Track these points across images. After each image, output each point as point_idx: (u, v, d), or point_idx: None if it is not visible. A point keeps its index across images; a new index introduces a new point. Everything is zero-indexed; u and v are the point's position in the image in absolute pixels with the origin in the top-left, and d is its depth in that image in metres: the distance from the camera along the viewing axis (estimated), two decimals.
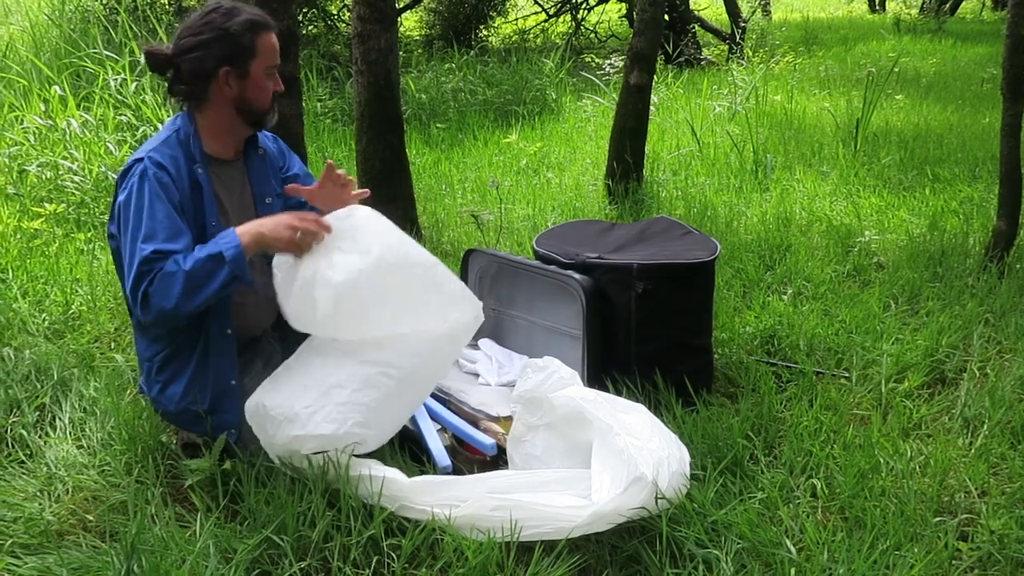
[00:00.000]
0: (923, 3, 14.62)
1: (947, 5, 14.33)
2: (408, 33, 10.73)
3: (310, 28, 8.89)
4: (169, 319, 1.88)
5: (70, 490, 2.03)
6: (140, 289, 1.84)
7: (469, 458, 2.10)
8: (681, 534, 1.78)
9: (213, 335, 2.02)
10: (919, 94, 7.02)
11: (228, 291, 1.90)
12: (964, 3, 15.85)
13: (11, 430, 2.27)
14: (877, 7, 16.82)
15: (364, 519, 1.81)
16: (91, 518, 1.94)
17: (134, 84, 4.97)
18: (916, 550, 1.73)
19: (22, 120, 4.60)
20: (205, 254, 1.85)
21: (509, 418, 2.18)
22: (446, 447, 2.10)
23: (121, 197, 1.95)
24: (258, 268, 2.16)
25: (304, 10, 8.41)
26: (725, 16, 10.40)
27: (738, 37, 9.53)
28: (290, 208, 2.26)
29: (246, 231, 1.90)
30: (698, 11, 10.47)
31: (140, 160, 1.95)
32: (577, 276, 2.32)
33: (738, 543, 1.76)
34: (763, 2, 14.13)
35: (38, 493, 2.02)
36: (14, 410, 2.36)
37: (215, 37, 1.97)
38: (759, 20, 12.71)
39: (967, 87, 7.39)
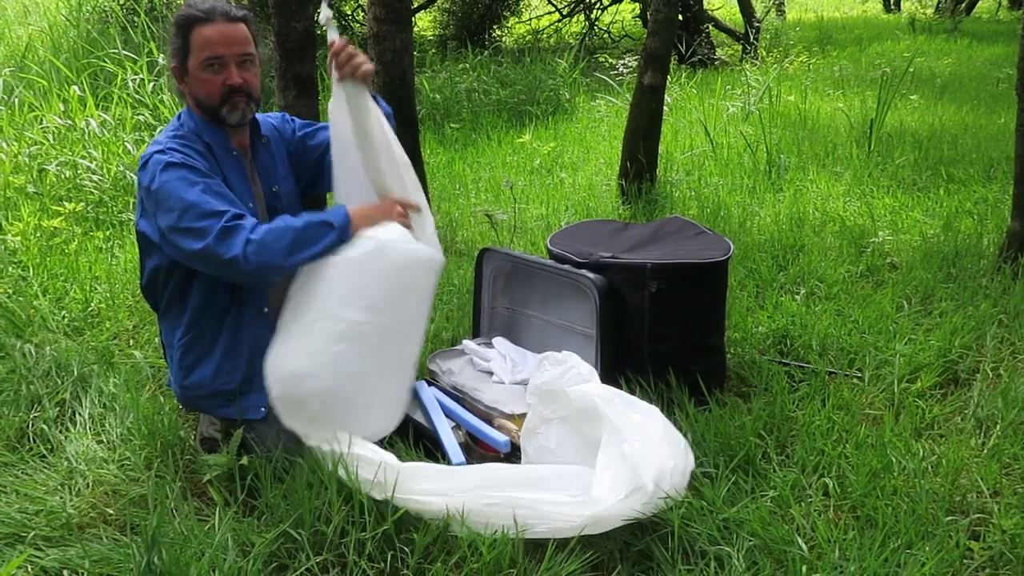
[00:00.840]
0: (938, 3, 14.53)
1: (963, 5, 14.25)
2: (422, 33, 10.77)
3: (325, 28, 8.93)
4: (269, 274, 1.93)
5: (90, 484, 2.06)
6: (239, 244, 1.87)
7: (483, 455, 2.12)
8: (693, 531, 1.80)
9: (247, 315, 2.07)
10: (934, 94, 6.99)
11: (327, 254, 1.96)
12: (980, 3, 15.74)
13: (32, 425, 2.31)
14: (892, 7, 16.74)
15: (379, 516, 1.83)
16: (111, 511, 1.97)
17: (151, 84, 5.04)
18: (927, 549, 1.74)
19: (42, 120, 4.66)
20: (318, 219, 1.97)
21: (523, 416, 2.20)
22: (460, 444, 2.12)
23: (148, 183, 1.97)
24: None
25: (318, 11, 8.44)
26: (739, 16, 10.39)
27: (752, 37, 9.52)
28: (305, 191, 2.33)
29: (356, 212, 2.02)
30: (712, 11, 10.47)
31: (161, 151, 1.98)
32: (591, 275, 2.34)
33: (750, 540, 1.78)
34: (777, 2, 14.09)
35: (59, 487, 2.06)
36: (35, 405, 2.40)
37: (169, 36, 2.07)
38: (773, 20, 12.67)
39: (982, 87, 7.35)
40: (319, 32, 3.50)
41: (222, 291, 2.06)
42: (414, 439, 2.15)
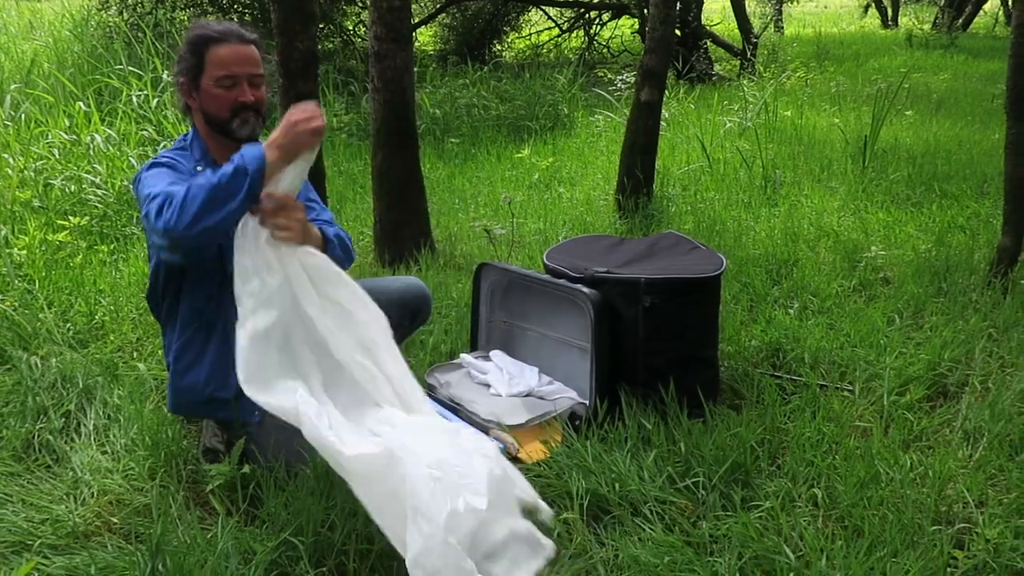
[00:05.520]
0: (936, 18, 14.65)
1: (959, 20, 14.36)
2: (423, 48, 10.86)
3: (326, 44, 9.03)
4: (188, 239, 1.83)
5: (95, 493, 2.10)
6: (160, 215, 1.82)
7: None
8: (683, 541, 1.84)
9: (233, 326, 2.10)
10: (929, 110, 7.06)
11: (246, 210, 1.85)
12: (976, 18, 15.86)
13: (38, 436, 2.35)
14: (889, 22, 16.87)
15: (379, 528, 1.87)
16: (116, 520, 2.01)
17: (156, 100, 5.10)
18: (912, 557, 1.78)
19: (47, 135, 4.72)
20: (231, 168, 1.82)
21: (520, 427, 2.25)
22: None
23: (136, 183, 2.06)
24: None
25: (320, 26, 8.55)
26: (737, 31, 10.48)
27: (749, 53, 9.60)
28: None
29: (270, 145, 1.85)
30: (710, 26, 10.56)
31: (155, 159, 2.10)
32: (586, 290, 2.39)
33: (740, 550, 1.82)
34: (775, 18, 14.21)
35: (64, 496, 2.10)
36: (41, 417, 2.44)
37: (180, 53, 2.13)
38: (771, 35, 12.78)
39: (977, 103, 7.42)
40: (320, 47, 3.55)
41: (208, 302, 2.12)
42: None
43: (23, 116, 4.99)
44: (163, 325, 2.24)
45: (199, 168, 2.12)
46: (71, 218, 3.74)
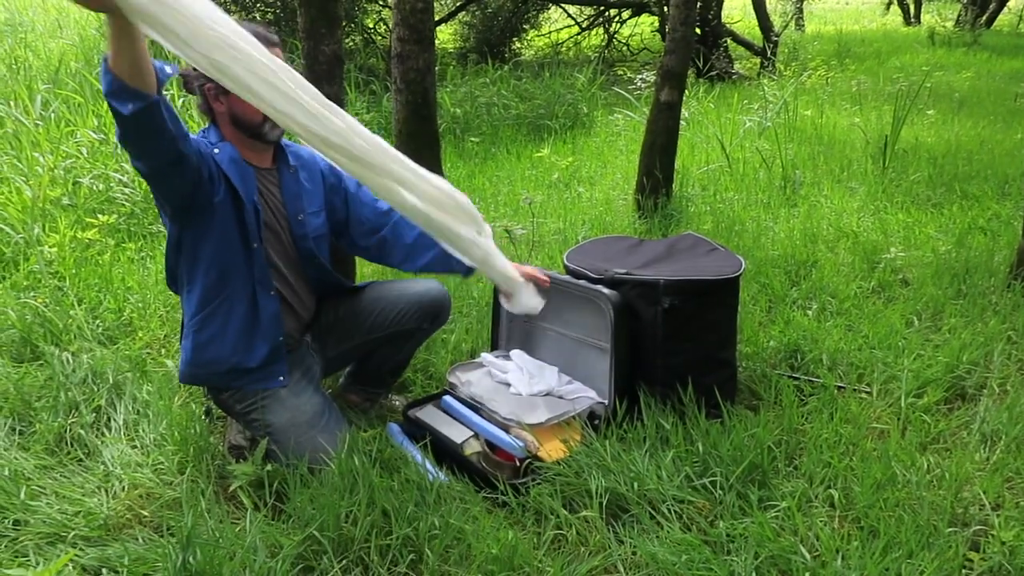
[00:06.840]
0: (959, 15, 14.52)
1: (983, 17, 14.23)
2: (443, 46, 10.89)
3: (347, 42, 9.08)
4: (119, 117, 1.81)
5: (126, 487, 2.17)
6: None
7: (500, 463, 2.20)
8: (701, 540, 1.87)
9: (261, 296, 2.18)
10: (951, 109, 7.02)
11: (119, 90, 1.77)
12: (1001, 15, 15.70)
13: (70, 430, 2.42)
14: (912, 20, 16.74)
15: (401, 522, 1.92)
16: (146, 513, 2.07)
17: (181, 100, 5.17)
18: (927, 558, 1.80)
19: (76, 134, 4.80)
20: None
21: (540, 426, 2.29)
22: (478, 452, 2.22)
23: None
24: (279, 278, 2.28)
25: (343, 25, 8.59)
26: (757, 30, 10.45)
27: (769, 51, 9.57)
28: (338, 224, 2.40)
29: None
30: (730, 24, 10.53)
31: None
32: (606, 291, 2.42)
33: (756, 550, 1.85)
34: (796, 15, 14.14)
35: (96, 489, 2.17)
36: (73, 411, 2.51)
37: None
38: (792, 33, 12.71)
39: (1000, 102, 7.37)
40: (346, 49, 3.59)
41: (231, 273, 2.16)
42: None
43: (53, 115, 5.08)
44: (182, 299, 2.27)
45: (216, 151, 2.15)
46: (100, 216, 3.80)
